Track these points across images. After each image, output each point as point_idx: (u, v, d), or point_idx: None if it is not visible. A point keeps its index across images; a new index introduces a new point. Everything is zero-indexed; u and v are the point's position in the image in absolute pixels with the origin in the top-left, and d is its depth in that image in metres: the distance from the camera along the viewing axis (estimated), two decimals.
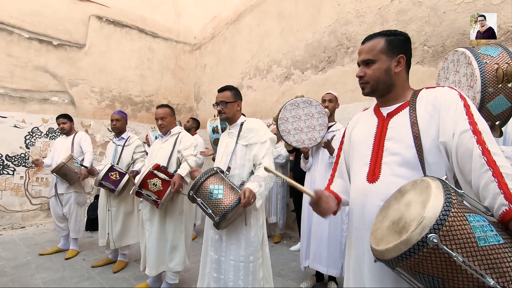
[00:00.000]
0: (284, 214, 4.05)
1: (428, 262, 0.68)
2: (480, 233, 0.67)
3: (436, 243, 0.65)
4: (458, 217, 0.68)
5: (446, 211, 0.67)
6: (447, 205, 0.68)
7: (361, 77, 1.08)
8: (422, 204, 0.72)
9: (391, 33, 1.05)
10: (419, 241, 0.67)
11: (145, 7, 6.56)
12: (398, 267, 0.75)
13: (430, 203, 0.69)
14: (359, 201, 1.04)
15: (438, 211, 0.68)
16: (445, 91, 0.95)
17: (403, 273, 0.79)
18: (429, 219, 0.67)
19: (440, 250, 0.66)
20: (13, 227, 4.67)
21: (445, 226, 0.66)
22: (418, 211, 0.72)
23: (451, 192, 0.72)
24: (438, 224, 0.66)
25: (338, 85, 3.78)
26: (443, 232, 0.66)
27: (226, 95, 1.89)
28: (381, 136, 1.04)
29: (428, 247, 0.66)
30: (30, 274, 2.87)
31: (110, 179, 2.83)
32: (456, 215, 0.68)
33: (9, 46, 4.86)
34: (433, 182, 0.75)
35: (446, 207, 0.68)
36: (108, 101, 5.95)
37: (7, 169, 4.77)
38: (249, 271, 1.73)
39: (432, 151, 0.93)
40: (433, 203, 0.69)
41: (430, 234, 0.66)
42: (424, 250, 0.67)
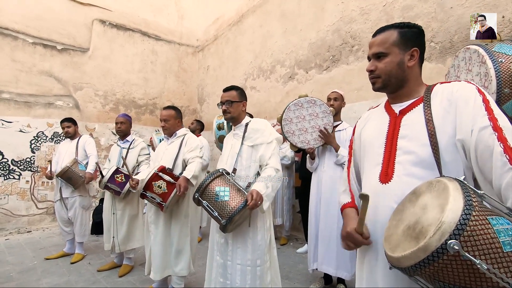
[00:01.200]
0: (291, 215, 4.00)
1: (449, 270, 0.64)
2: (505, 237, 0.62)
3: (457, 250, 0.60)
4: (480, 220, 0.63)
5: (466, 215, 0.62)
6: (467, 208, 0.63)
7: (371, 71, 1.04)
8: (439, 208, 0.68)
9: (404, 25, 1.01)
10: (438, 248, 0.63)
11: (148, 10, 6.58)
12: (415, 275, 0.71)
13: (448, 207, 0.65)
14: (371, 203, 0.99)
15: (458, 215, 0.63)
16: (461, 86, 0.91)
17: (421, 280, 0.75)
18: (449, 223, 0.63)
19: (462, 257, 0.61)
20: (19, 232, 4.68)
21: (466, 231, 0.61)
22: (436, 215, 0.67)
23: (471, 194, 0.67)
24: (459, 229, 0.62)
25: (344, 84, 3.73)
26: (464, 238, 0.61)
27: (231, 95, 1.86)
28: (394, 134, 0.99)
29: (449, 254, 0.62)
30: (36, 279, 2.86)
31: (116, 182, 2.81)
32: (477, 218, 0.63)
33: (14, 52, 4.89)
34: (450, 183, 0.71)
35: (466, 210, 0.63)
36: (112, 105, 5.96)
37: (13, 173, 4.79)
38: (256, 275, 1.69)
39: (449, 149, 0.88)
40: (452, 206, 0.65)
41: (450, 240, 0.61)
42: (444, 258, 0.62)
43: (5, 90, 4.78)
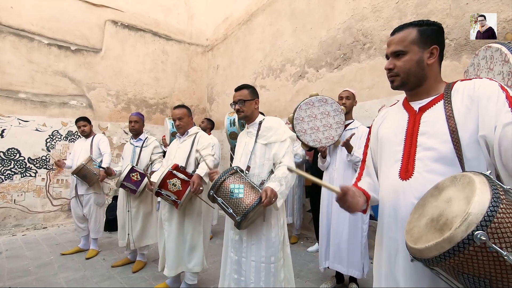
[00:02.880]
0: (301, 214, 4.00)
1: (474, 261, 0.64)
2: None
3: (484, 240, 0.60)
4: (507, 213, 0.63)
5: (494, 207, 0.62)
6: (495, 201, 0.63)
7: (390, 70, 1.04)
8: (465, 200, 0.68)
9: (423, 23, 1.00)
10: (464, 239, 0.63)
11: (158, 11, 6.65)
12: (438, 266, 0.71)
13: (475, 199, 0.65)
14: (390, 200, 1.00)
15: (485, 206, 0.63)
16: (484, 82, 0.90)
17: (442, 273, 0.75)
18: (475, 215, 0.63)
19: (488, 248, 0.61)
20: (35, 228, 4.81)
21: (493, 222, 0.61)
22: (462, 207, 0.67)
23: (498, 188, 0.67)
24: (486, 221, 0.62)
25: (355, 82, 3.70)
26: (491, 229, 0.61)
27: (243, 94, 1.88)
28: (414, 131, 0.99)
29: (475, 245, 0.62)
30: (53, 273, 2.95)
31: (132, 180, 2.87)
32: (505, 211, 0.63)
33: (30, 53, 5.02)
34: (476, 177, 0.70)
35: (494, 202, 0.63)
36: (124, 104, 6.06)
37: (29, 171, 4.93)
38: (270, 272, 1.70)
39: (471, 146, 0.87)
40: (479, 198, 0.65)
41: (477, 231, 0.61)
42: (470, 249, 0.63)
43: (22, 90, 4.92)
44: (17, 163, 4.81)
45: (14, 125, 4.81)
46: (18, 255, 3.50)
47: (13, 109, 4.82)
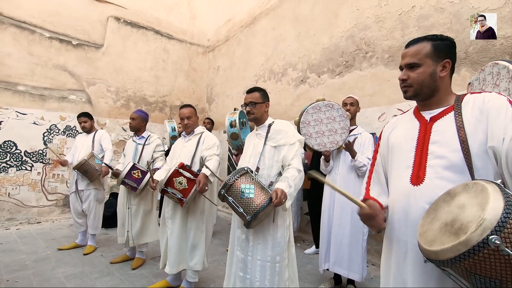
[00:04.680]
0: (299, 216, 4.06)
1: (487, 263, 0.70)
2: None
3: (498, 244, 0.66)
4: None
5: (507, 213, 0.68)
6: (508, 208, 0.69)
7: (404, 80, 1.10)
8: (479, 206, 0.74)
9: (437, 37, 1.07)
10: (479, 242, 0.69)
11: (161, 9, 6.66)
12: (451, 267, 0.77)
13: (489, 205, 0.71)
14: (401, 204, 1.06)
15: (499, 213, 0.69)
16: (493, 96, 0.97)
17: (453, 274, 0.80)
18: (490, 220, 0.69)
19: (501, 252, 0.67)
20: (29, 222, 4.76)
21: (506, 228, 0.67)
22: (476, 212, 0.73)
23: (510, 196, 0.73)
24: (500, 226, 0.68)
25: (356, 89, 3.79)
26: (504, 234, 0.67)
27: (255, 96, 1.93)
28: (425, 140, 1.06)
29: (489, 249, 0.68)
30: (51, 268, 2.93)
31: (133, 177, 2.88)
32: None
33: (31, 45, 4.98)
34: (489, 186, 0.77)
35: (507, 209, 0.69)
36: (123, 101, 6.04)
37: (25, 165, 4.87)
38: (275, 271, 1.75)
39: (480, 155, 0.94)
40: (493, 205, 0.71)
41: (491, 236, 0.67)
42: (484, 252, 0.68)
43: (21, 83, 4.87)
44: (13, 156, 4.75)
45: (12, 117, 4.76)
46: (13, 249, 3.47)
47: (11, 101, 4.77)
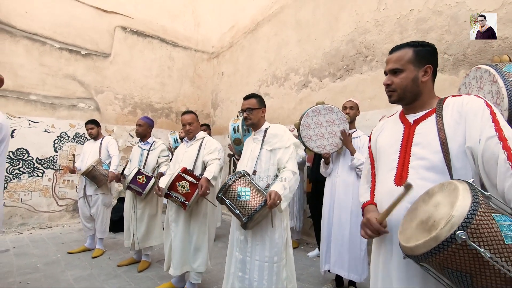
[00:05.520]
0: (301, 217, 4.07)
1: (457, 257, 0.74)
2: (507, 231, 0.72)
3: (464, 239, 0.70)
4: (485, 216, 0.73)
5: (473, 210, 0.73)
6: (474, 205, 0.73)
7: (388, 85, 1.15)
8: (450, 205, 0.78)
9: (418, 44, 1.11)
10: (448, 238, 0.73)
11: (166, 18, 6.84)
12: (426, 262, 0.81)
13: (458, 203, 0.75)
14: (386, 204, 1.09)
15: (466, 210, 0.73)
16: (471, 99, 1.01)
17: (430, 269, 0.84)
18: (458, 217, 0.73)
19: (468, 246, 0.71)
20: (40, 227, 4.90)
21: (472, 224, 0.72)
22: (447, 210, 0.77)
23: (478, 194, 0.77)
24: (466, 222, 0.72)
25: (357, 92, 3.83)
26: (471, 230, 0.71)
27: (251, 102, 2.00)
28: (408, 142, 1.10)
29: (457, 243, 0.72)
30: (60, 270, 3.03)
31: (138, 183, 2.97)
32: (483, 214, 0.73)
33: (42, 56, 5.18)
34: (460, 185, 0.81)
35: (473, 206, 0.73)
36: (130, 108, 6.20)
37: (37, 171, 5.04)
38: (273, 271, 1.79)
39: (459, 156, 0.98)
40: (461, 203, 0.75)
41: (458, 231, 0.71)
42: (452, 246, 0.73)
43: (33, 92, 5.06)
44: (25, 163, 4.92)
45: (24, 125, 4.94)
46: (25, 252, 3.59)
47: (23, 110, 4.96)
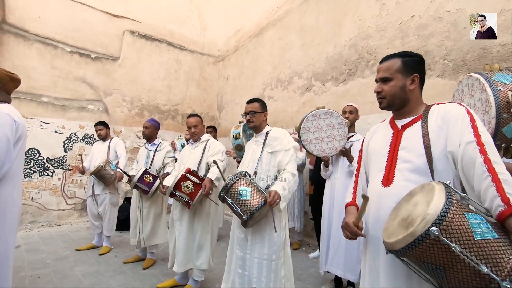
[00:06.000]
0: (301, 218, 4.13)
1: (431, 251, 0.81)
2: (477, 228, 0.79)
3: (437, 235, 0.78)
4: (457, 214, 0.80)
5: (446, 209, 0.80)
6: (447, 204, 0.81)
7: (378, 93, 1.23)
8: (426, 204, 0.85)
9: (406, 54, 1.19)
10: (422, 234, 0.80)
11: (173, 22, 7.00)
12: (405, 256, 0.88)
13: (433, 202, 0.83)
14: (374, 203, 1.17)
15: (439, 208, 0.81)
16: (454, 107, 1.08)
17: (410, 263, 0.92)
18: (432, 215, 0.81)
19: (441, 241, 0.78)
20: (50, 225, 5.06)
21: (445, 221, 0.79)
22: (423, 209, 0.85)
23: (452, 194, 0.84)
24: (439, 220, 0.79)
25: (359, 96, 3.89)
26: (443, 226, 0.79)
27: (254, 106, 2.09)
28: (396, 146, 1.17)
29: (430, 239, 0.79)
30: (69, 266, 3.16)
31: (145, 182, 3.08)
32: (455, 212, 0.80)
33: (54, 59, 5.37)
34: (437, 186, 0.88)
35: (446, 205, 0.81)
36: (137, 110, 6.35)
37: (47, 170, 5.21)
38: (271, 269, 1.87)
39: (441, 160, 1.05)
40: (436, 202, 0.83)
41: (432, 228, 0.79)
42: (427, 241, 0.80)
43: (45, 94, 5.24)
44: (36, 163, 5.09)
45: (36, 126, 5.12)
46: (35, 249, 3.73)
47: (35, 112, 5.14)
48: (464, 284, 0.79)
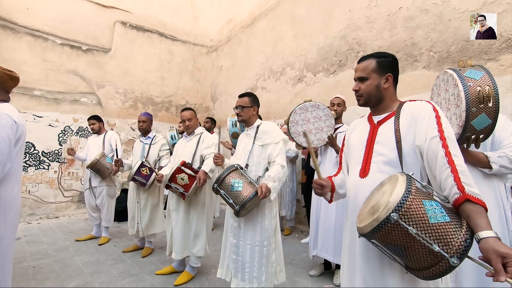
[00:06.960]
0: (293, 206, 4.29)
1: (393, 234, 0.93)
2: (432, 213, 0.91)
3: (396, 219, 0.90)
4: (415, 201, 0.92)
5: (405, 197, 0.92)
6: (406, 193, 0.92)
7: (356, 91, 1.33)
8: (390, 193, 0.97)
9: (381, 55, 1.29)
10: (384, 219, 0.92)
11: (165, 12, 6.93)
12: (374, 239, 1.00)
13: (395, 192, 0.94)
14: (353, 193, 1.29)
15: (399, 197, 0.92)
16: (422, 104, 1.19)
17: (379, 245, 1.04)
18: (393, 203, 0.92)
19: (400, 225, 0.90)
20: (48, 217, 5.16)
21: (404, 207, 0.91)
22: (387, 197, 0.97)
23: (412, 184, 0.96)
24: (399, 206, 0.91)
25: (349, 87, 3.97)
26: (402, 212, 0.91)
27: (244, 101, 2.17)
28: (372, 140, 1.28)
29: (391, 223, 0.91)
30: (70, 256, 3.27)
31: (142, 174, 3.17)
32: (413, 200, 0.92)
33: (45, 52, 5.33)
34: (401, 177, 1.00)
35: (405, 194, 0.92)
36: (131, 102, 6.37)
37: (43, 164, 5.26)
38: (263, 254, 2.01)
39: (410, 154, 1.16)
40: (397, 191, 0.94)
41: (392, 213, 0.91)
42: (388, 225, 0.92)
43: (37, 88, 5.23)
44: (31, 156, 5.13)
45: (30, 120, 5.13)
46: (36, 240, 3.84)
47: (28, 105, 5.14)
48: (421, 261, 0.91)
